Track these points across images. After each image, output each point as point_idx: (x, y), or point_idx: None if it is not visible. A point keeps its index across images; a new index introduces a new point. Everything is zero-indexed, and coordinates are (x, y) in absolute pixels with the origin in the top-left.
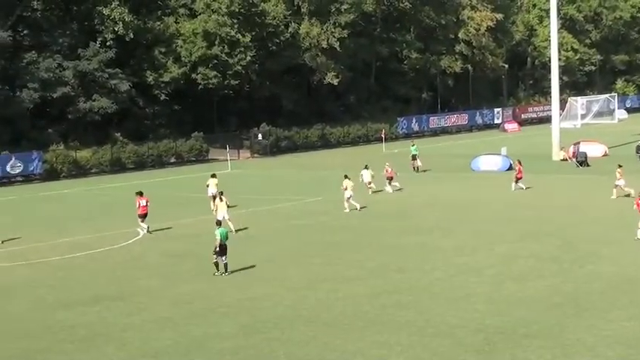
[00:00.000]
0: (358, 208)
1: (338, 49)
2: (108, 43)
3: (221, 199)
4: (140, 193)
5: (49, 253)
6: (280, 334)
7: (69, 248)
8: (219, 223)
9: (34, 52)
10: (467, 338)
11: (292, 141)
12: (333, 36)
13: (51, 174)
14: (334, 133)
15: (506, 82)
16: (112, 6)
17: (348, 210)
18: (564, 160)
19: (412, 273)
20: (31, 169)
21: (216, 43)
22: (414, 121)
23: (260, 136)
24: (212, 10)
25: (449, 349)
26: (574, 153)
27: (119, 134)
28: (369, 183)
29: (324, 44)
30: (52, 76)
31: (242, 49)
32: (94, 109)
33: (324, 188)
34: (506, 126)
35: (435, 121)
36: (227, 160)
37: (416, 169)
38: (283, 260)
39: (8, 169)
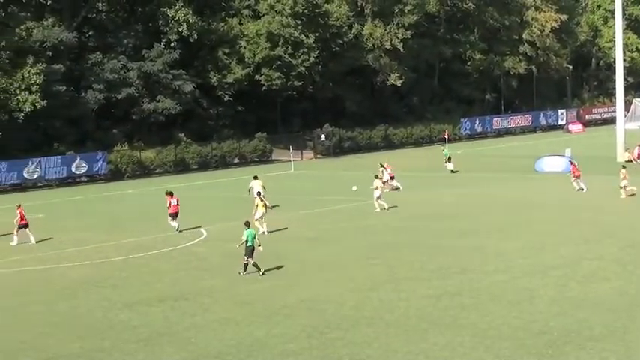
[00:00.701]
0: (386, 207)
1: (401, 50)
2: (172, 44)
3: (261, 200)
4: (170, 193)
5: (112, 253)
6: (343, 335)
7: (132, 248)
8: (247, 224)
9: (99, 53)
10: (530, 340)
11: (355, 142)
12: (397, 37)
13: (115, 174)
14: (397, 134)
15: (570, 83)
16: (177, 7)
17: (378, 209)
18: (629, 161)
19: (474, 274)
20: (96, 169)
21: (280, 44)
22: (477, 122)
23: (323, 137)
24: (276, 11)
25: (511, 352)
26: (639, 154)
27: (183, 135)
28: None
29: (388, 45)
30: (117, 77)
31: (305, 50)
32: (158, 110)
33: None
34: (571, 127)
35: (498, 123)
36: (290, 161)
37: (452, 171)
38: (346, 261)
39: (73, 169)
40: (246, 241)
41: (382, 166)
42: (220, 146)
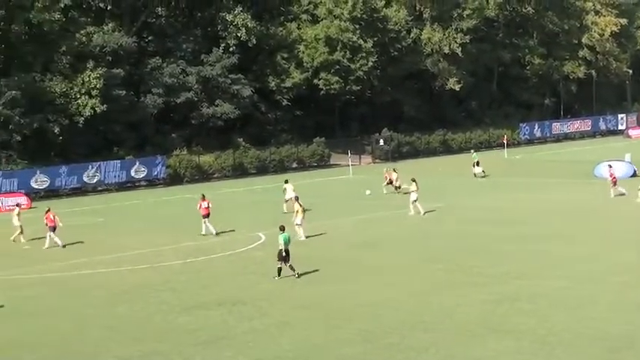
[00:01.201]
0: (422, 212)
1: (460, 54)
2: (231, 49)
3: (300, 204)
4: (203, 196)
5: (171, 257)
6: (400, 341)
7: (191, 252)
8: (282, 229)
9: (158, 57)
10: (590, 347)
11: (414, 146)
12: (455, 41)
13: (174, 178)
14: (456, 138)
15: (630, 87)
16: (236, 12)
17: (412, 213)
18: None
19: (533, 280)
20: (155, 173)
21: (339, 48)
22: (536, 127)
23: (381, 142)
24: (334, 15)
25: (571, 358)
26: None
27: (241, 139)
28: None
29: (446, 50)
30: (176, 82)
31: (364, 54)
32: (216, 115)
33: (445, 195)
34: (631, 132)
35: (557, 127)
36: (348, 166)
37: (476, 174)
38: (404, 266)
39: (133, 173)
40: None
41: (394, 171)
42: (279, 151)
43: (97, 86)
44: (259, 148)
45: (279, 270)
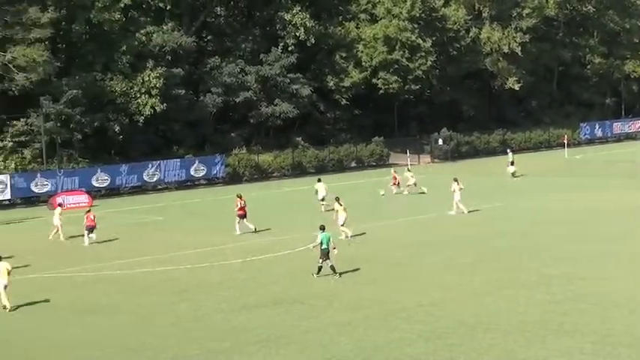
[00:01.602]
0: (465, 211)
1: (519, 53)
2: (290, 48)
3: (340, 204)
4: (239, 196)
5: (230, 256)
6: (460, 341)
7: (250, 251)
8: (322, 228)
9: (217, 57)
10: None
11: (473, 146)
12: (515, 41)
13: (233, 177)
14: (515, 138)
15: None
16: (294, 11)
17: (454, 212)
18: None
19: (594, 281)
20: (214, 172)
21: (397, 48)
22: (597, 126)
23: (440, 141)
24: (393, 15)
25: (632, 359)
26: None
27: (300, 138)
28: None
29: (506, 49)
30: (235, 81)
31: (423, 53)
32: (275, 114)
33: (505, 194)
34: None
35: (618, 127)
36: (407, 165)
37: (512, 174)
38: (463, 265)
39: (192, 172)
40: (321, 243)
41: (409, 170)
42: (337, 150)
43: (157, 85)
44: (318, 148)
45: (319, 268)
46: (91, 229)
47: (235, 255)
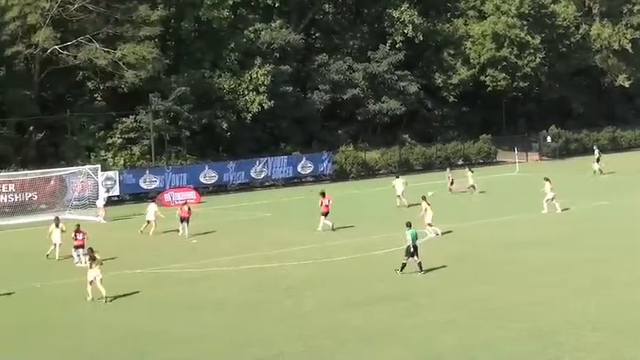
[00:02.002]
0: (559, 210)
1: (630, 50)
2: (397, 45)
3: (427, 203)
4: (323, 194)
5: (335, 253)
6: (566, 340)
7: (355, 248)
8: (409, 225)
9: (325, 54)
10: None
11: (582, 144)
12: (625, 37)
13: (340, 175)
14: (625, 136)
15: None
16: (402, 8)
17: (546, 211)
18: None
19: None
20: (321, 169)
21: (506, 44)
22: None
23: (549, 139)
24: (501, 11)
25: None
26: None
27: (407, 136)
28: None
29: (616, 46)
30: (343, 78)
31: (531, 50)
32: (382, 111)
33: (613, 192)
34: None
35: None
36: (515, 163)
37: (598, 171)
38: (564, 264)
39: (299, 169)
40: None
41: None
42: (445, 147)
43: (265, 83)
44: (425, 145)
45: (403, 265)
46: (183, 220)
47: (340, 252)
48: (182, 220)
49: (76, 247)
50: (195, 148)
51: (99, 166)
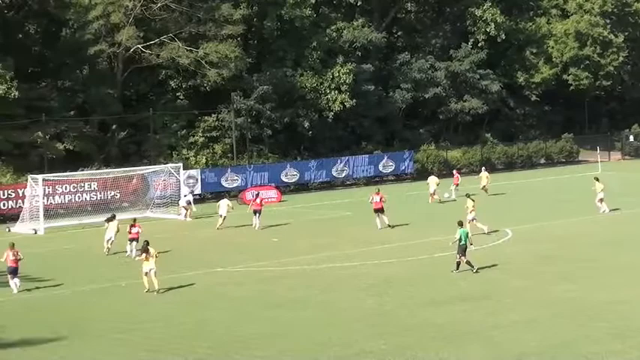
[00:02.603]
0: (607, 211)
1: None
2: (479, 44)
3: (473, 200)
4: (377, 191)
5: (417, 252)
6: None
7: (438, 247)
8: (460, 224)
9: (407, 53)
10: None
11: None
12: None
13: (422, 173)
14: None
15: None
16: (485, 7)
17: (601, 211)
18: None
19: None
20: (402, 168)
21: (588, 43)
22: None
23: (631, 138)
24: (584, 10)
25: None
26: None
27: (489, 135)
28: None
29: None
30: (425, 77)
31: (614, 49)
32: (464, 110)
33: None
34: None
35: None
36: (597, 162)
37: None
38: None
39: (381, 168)
40: (460, 239)
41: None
42: (526, 146)
43: (347, 81)
44: (507, 144)
45: (458, 264)
46: (256, 212)
47: (422, 251)
48: (255, 212)
49: (131, 240)
50: (277, 147)
51: (181, 164)
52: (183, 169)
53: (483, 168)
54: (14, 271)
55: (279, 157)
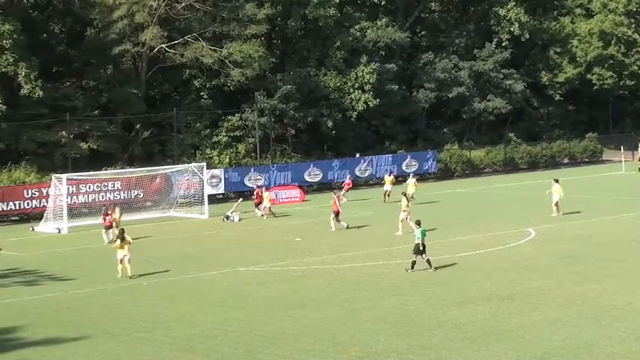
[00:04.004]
0: (556, 214)
1: None
2: (503, 44)
3: (408, 200)
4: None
5: (440, 252)
6: None
7: (461, 247)
8: (418, 223)
9: (430, 52)
10: None
11: None
12: None
13: (445, 173)
14: None
15: None
16: (509, 6)
17: (553, 215)
18: None
19: None
20: (426, 167)
21: (613, 43)
22: None
23: None
24: (609, 9)
25: None
26: None
27: (512, 134)
28: None
29: None
30: (448, 77)
31: (639, 49)
32: (488, 109)
33: None
34: None
35: None
36: (621, 162)
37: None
38: None
39: (404, 167)
40: (418, 238)
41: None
42: (550, 146)
43: (370, 81)
44: (530, 144)
45: (413, 263)
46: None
47: (445, 251)
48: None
49: (106, 228)
50: (300, 147)
51: (204, 164)
52: (207, 169)
53: (411, 174)
54: None
55: (302, 156)
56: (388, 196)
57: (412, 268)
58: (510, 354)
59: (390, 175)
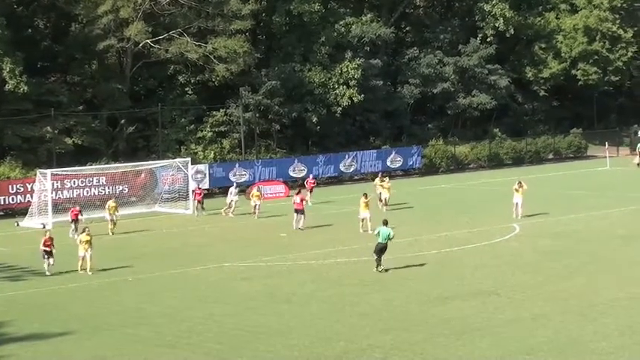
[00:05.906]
0: (518, 216)
1: None
2: (488, 39)
3: (366, 198)
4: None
5: (426, 247)
6: None
7: (446, 242)
8: (385, 222)
9: (415, 48)
10: None
11: None
12: None
13: (429, 169)
14: None
15: None
16: (493, 2)
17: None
18: None
19: None
20: (410, 163)
21: (597, 38)
22: None
23: None
24: (593, 5)
25: None
26: None
27: (497, 130)
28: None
29: None
30: (433, 72)
31: (623, 44)
32: (473, 105)
33: None
34: None
35: None
36: (605, 157)
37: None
38: None
39: (389, 163)
40: (379, 236)
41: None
42: (535, 142)
43: (355, 76)
44: (515, 139)
45: (378, 262)
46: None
47: (431, 246)
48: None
49: (72, 221)
50: (285, 142)
51: (189, 159)
52: (192, 164)
53: (380, 173)
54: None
55: (287, 152)
56: (386, 204)
57: (378, 266)
58: (496, 349)
59: (383, 180)
